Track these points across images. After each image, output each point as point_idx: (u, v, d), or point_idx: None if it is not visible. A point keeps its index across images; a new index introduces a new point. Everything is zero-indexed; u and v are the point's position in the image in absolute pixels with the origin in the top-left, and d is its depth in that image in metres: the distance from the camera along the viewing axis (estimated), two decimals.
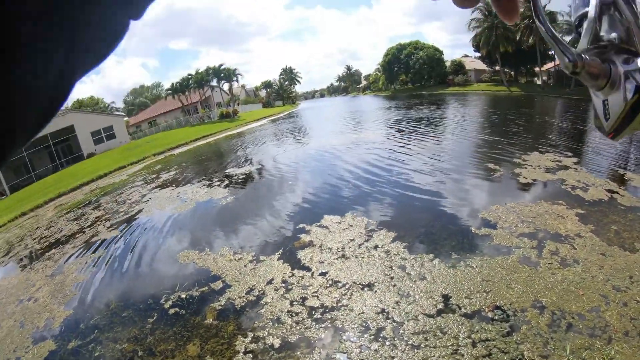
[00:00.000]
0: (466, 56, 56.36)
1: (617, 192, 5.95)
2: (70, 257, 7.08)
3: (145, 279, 5.50)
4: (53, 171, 26.75)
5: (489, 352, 2.89)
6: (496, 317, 3.25)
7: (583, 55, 0.36)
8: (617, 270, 3.72)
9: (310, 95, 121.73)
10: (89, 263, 6.49)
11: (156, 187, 12.00)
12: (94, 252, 7.02)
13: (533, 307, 3.30)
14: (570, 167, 7.52)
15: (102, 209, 10.80)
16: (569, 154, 8.81)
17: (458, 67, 51.09)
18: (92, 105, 56.15)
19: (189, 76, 41.14)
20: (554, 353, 2.79)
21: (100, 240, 7.61)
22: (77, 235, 8.47)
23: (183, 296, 4.54)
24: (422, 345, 3.06)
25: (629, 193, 5.94)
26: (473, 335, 3.07)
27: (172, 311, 4.28)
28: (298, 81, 75.55)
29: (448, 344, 3.02)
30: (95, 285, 5.55)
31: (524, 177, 7.07)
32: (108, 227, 8.47)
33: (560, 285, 3.57)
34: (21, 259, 8.05)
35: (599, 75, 0.36)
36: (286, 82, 72.63)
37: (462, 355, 2.90)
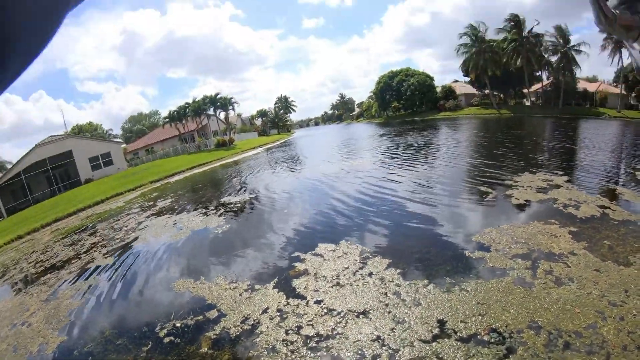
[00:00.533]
0: (456, 81, 58.02)
1: (609, 208, 6.04)
2: (65, 282, 7.00)
3: (140, 307, 5.41)
4: (50, 195, 26.76)
5: None
6: (492, 340, 3.22)
7: (613, 10, 0.42)
8: (612, 285, 3.75)
9: (305, 124, 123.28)
10: (83, 289, 6.40)
11: (152, 214, 11.96)
12: (89, 278, 6.94)
13: (529, 328, 3.29)
14: (562, 186, 7.65)
15: (98, 235, 10.74)
16: (560, 172, 8.98)
17: (449, 92, 52.43)
18: (90, 131, 56.69)
19: (186, 104, 41.72)
20: None
21: (95, 267, 7.53)
22: (73, 261, 8.40)
23: (178, 325, 4.47)
24: None
25: (620, 207, 6.03)
26: None
27: (167, 340, 4.20)
28: (293, 109, 76.93)
29: None
30: (90, 312, 5.47)
31: (516, 199, 7.16)
32: (104, 254, 8.39)
33: (555, 304, 3.58)
34: (16, 283, 7.96)
35: (632, 27, 0.40)
36: (281, 111, 73.74)
37: None
